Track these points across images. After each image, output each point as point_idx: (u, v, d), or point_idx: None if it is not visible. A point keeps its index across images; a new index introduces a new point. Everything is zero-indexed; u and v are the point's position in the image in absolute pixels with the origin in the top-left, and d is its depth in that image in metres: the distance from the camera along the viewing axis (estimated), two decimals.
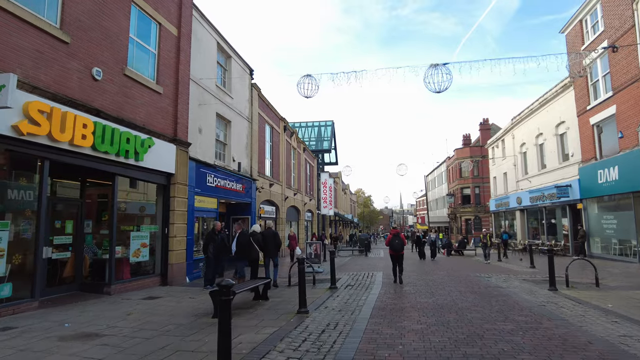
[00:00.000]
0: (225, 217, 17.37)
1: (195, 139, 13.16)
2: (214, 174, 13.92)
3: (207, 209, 13.54)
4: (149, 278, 10.62)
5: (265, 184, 20.14)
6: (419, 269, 15.19)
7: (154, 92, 10.79)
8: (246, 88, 18.04)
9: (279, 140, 23.74)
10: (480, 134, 48.72)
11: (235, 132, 16.49)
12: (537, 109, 23.64)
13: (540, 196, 23.16)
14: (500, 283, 10.71)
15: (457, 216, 48.79)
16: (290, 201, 25.88)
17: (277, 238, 11.42)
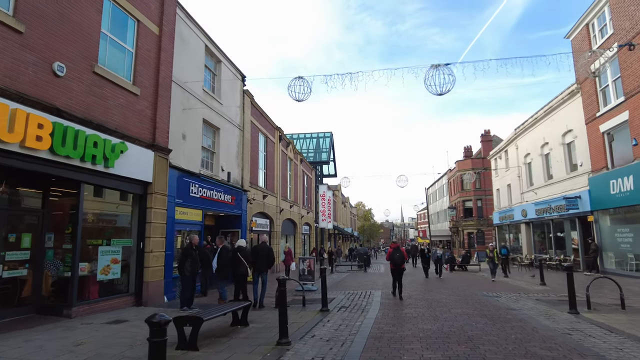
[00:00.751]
0: (214, 231, 16.31)
1: (178, 145, 12.22)
2: (199, 183, 12.93)
3: (191, 222, 12.51)
4: (121, 298, 9.53)
5: (258, 195, 19.13)
6: (422, 287, 14.05)
7: (130, 93, 9.88)
8: (237, 94, 17.19)
9: (273, 150, 22.82)
10: (481, 145, 47.86)
11: (224, 140, 15.56)
12: (542, 117, 22.76)
13: (547, 208, 22.09)
14: (511, 304, 9.59)
15: (459, 230, 47.57)
16: (285, 214, 24.83)
17: (271, 254, 10.58)
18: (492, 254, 17.05)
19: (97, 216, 9.31)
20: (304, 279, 13.49)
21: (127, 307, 9.57)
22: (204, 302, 10.92)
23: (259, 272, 9.99)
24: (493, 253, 17.09)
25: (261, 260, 10.01)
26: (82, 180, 8.44)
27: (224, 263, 9.26)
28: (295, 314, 8.36)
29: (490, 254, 17.16)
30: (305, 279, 13.48)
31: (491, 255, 17.09)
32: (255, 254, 10.22)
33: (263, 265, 10.04)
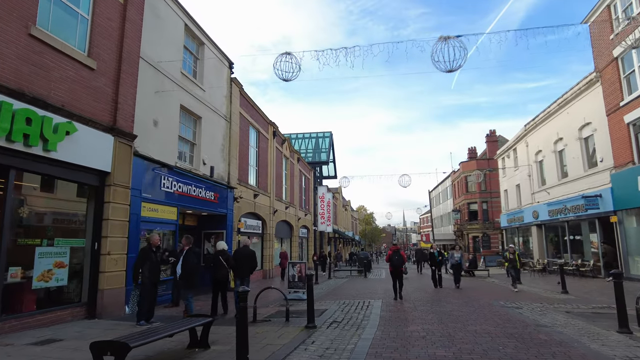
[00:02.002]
0: (196, 232, 14.72)
1: (148, 132, 10.67)
2: (173, 177, 11.35)
3: (163, 220, 10.91)
4: (67, 309, 7.92)
5: (247, 194, 17.53)
6: (429, 296, 12.36)
7: (83, 66, 8.33)
8: (223, 82, 15.65)
9: (266, 146, 21.25)
10: (486, 146, 46.20)
11: (207, 130, 14.00)
12: (556, 111, 21.13)
13: (562, 209, 20.39)
14: (538, 318, 7.92)
15: (464, 233, 45.81)
16: (280, 215, 23.21)
17: (254, 258, 9.63)
18: (514, 257, 14.05)
19: (37, 211, 7.72)
20: (294, 287, 11.85)
21: (76, 320, 7.96)
22: (173, 313, 9.31)
23: (240, 277, 9.28)
24: (514, 256, 14.08)
25: (243, 265, 9.29)
26: (13, 166, 6.86)
27: (191, 269, 7.64)
28: (273, 332, 6.74)
29: (511, 256, 14.16)
30: (295, 287, 11.84)
31: (511, 258, 14.10)
32: (236, 258, 9.45)
33: (245, 270, 9.33)
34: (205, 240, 14.71)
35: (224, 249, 9.34)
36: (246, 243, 11.00)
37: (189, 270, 7.56)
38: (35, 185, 7.66)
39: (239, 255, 9.58)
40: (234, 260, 9.37)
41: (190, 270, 7.56)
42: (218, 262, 9.13)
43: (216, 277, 8.97)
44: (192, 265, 7.58)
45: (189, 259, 7.63)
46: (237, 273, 9.34)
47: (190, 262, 7.60)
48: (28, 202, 7.47)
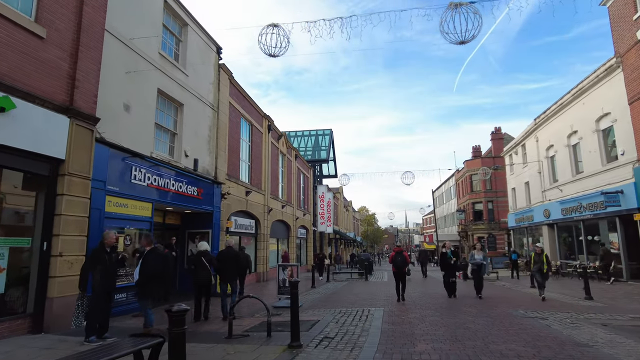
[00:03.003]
0: (180, 231, 13.43)
1: (118, 118, 9.38)
2: (147, 168, 10.04)
3: (133, 217, 9.59)
4: (5, 322, 6.59)
5: (239, 190, 16.22)
6: (438, 304, 10.98)
7: (29, 33, 7.03)
8: (210, 68, 14.35)
9: (260, 141, 19.94)
10: (492, 144, 44.78)
11: (190, 119, 12.70)
12: (569, 102, 19.73)
13: (577, 207, 19.00)
14: (572, 333, 6.55)
15: (469, 234, 44.39)
16: (276, 214, 21.89)
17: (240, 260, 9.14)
18: (540, 258, 11.36)
19: None
20: (285, 292, 10.52)
21: (17, 334, 6.64)
22: (139, 325, 7.98)
23: (226, 282, 8.74)
24: (542, 257, 11.33)
25: (228, 267, 8.72)
26: None
27: (150, 274, 6.31)
28: (248, 353, 5.41)
29: (537, 257, 11.47)
30: (286, 292, 10.51)
31: (537, 260, 11.41)
32: (220, 260, 8.84)
33: (230, 273, 8.80)
34: (189, 240, 13.39)
35: (206, 250, 8.75)
36: (230, 244, 9.85)
37: (147, 275, 6.23)
38: None
39: (222, 257, 8.91)
40: (219, 263, 8.76)
41: (150, 276, 6.23)
42: (200, 264, 8.47)
43: (197, 280, 8.44)
44: (152, 269, 6.24)
45: (149, 262, 6.30)
46: (222, 277, 8.76)
47: (151, 266, 6.26)
48: None
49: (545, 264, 11.29)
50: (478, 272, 11.94)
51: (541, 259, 11.40)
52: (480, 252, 12.31)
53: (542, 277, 11.33)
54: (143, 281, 6.24)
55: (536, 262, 11.43)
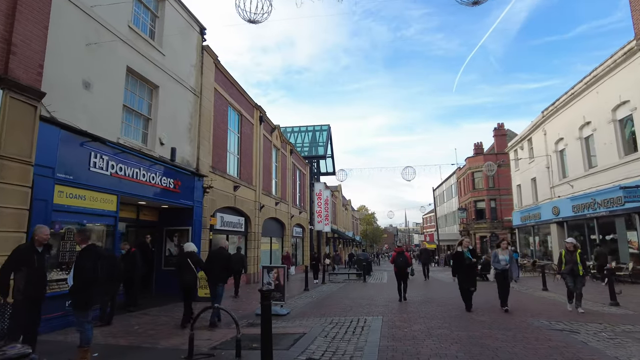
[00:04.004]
0: (157, 229, 12.13)
1: (76, 96, 8.08)
2: (111, 156, 8.72)
3: (93, 211, 8.25)
4: None
5: (225, 185, 14.90)
6: (445, 311, 9.65)
7: None
8: (192, 49, 13.03)
9: (251, 132, 18.63)
10: (494, 140, 43.59)
11: (167, 104, 11.39)
12: (582, 91, 18.43)
13: (590, 203, 17.71)
14: (620, 354, 5.25)
15: (471, 233, 43.10)
16: (269, 212, 20.58)
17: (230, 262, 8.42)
18: (573, 257, 8.95)
19: None
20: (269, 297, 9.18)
21: None
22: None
23: (214, 284, 8.06)
24: (574, 256, 8.94)
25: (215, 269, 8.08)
26: None
27: (87, 280, 4.97)
28: None
29: (569, 256, 9.03)
30: (271, 298, 9.17)
31: (569, 260, 8.99)
32: (210, 262, 8.26)
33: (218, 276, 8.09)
34: (167, 238, 12.09)
35: (192, 251, 8.18)
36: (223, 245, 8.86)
37: (83, 280, 4.90)
38: None
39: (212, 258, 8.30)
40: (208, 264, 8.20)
41: (86, 281, 4.90)
42: (185, 266, 7.90)
43: (182, 283, 7.93)
44: (87, 273, 4.91)
45: (84, 264, 4.96)
46: (210, 279, 8.17)
47: (86, 269, 4.93)
48: None
49: (579, 264, 8.84)
50: (504, 278, 9.26)
51: (574, 258, 8.91)
52: (505, 251, 9.47)
53: (574, 282, 8.87)
54: (78, 288, 4.91)
55: (567, 262, 9.01)
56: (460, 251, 9.58)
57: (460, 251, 9.61)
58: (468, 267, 9.42)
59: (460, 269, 9.53)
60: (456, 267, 9.69)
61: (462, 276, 9.49)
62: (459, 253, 9.61)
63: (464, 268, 9.44)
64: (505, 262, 9.24)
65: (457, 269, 9.63)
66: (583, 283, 8.92)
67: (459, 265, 9.55)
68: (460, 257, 9.52)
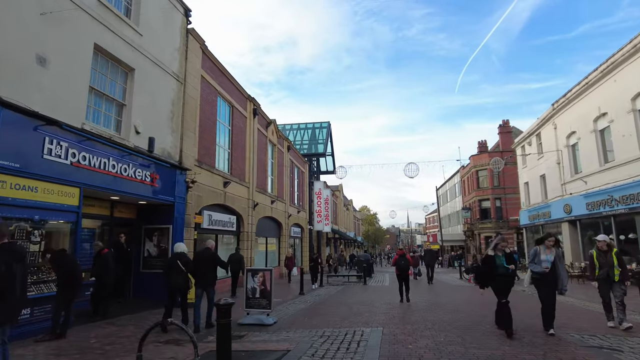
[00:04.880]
0: (135, 227, 11.04)
1: (28, 73, 6.99)
2: (71, 143, 7.61)
3: (47, 206, 7.11)
4: None
5: (213, 180, 13.80)
6: (457, 321, 8.51)
7: None
8: (176, 32, 11.94)
9: (244, 126, 17.52)
10: (499, 138, 42.29)
11: (145, 88, 10.28)
12: (597, 81, 17.24)
13: (607, 200, 16.52)
14: None
15: (475, 233, 41.91)
16: (263, 210, 19.47)
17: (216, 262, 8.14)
18: (609, 260, 7.19)
19: None
20: (254, 305, 8.08)
21: None
22: (39, 352, 5.57)
23: (202, 287, 7.83)
24: (609, 258, 7.19)
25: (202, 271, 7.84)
26: None
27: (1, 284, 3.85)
28: None
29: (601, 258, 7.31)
30: (255, 305, 8.07)
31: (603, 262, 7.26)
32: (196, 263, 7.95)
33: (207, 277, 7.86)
34: (146, 237, 10.98)
35: (182, 252, 7.86)
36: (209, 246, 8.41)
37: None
38: None
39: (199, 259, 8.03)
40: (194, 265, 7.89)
41: None
42: (175, 268, 7.56)
43: (172, 285, 7.60)
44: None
45: None
46: (197, 280, 7.87)
47: None
48: None
49: (616, 267, 7.01)
50: (546, 286, 6.75)
51: (609, 259, 7.09)
52: (550, 250, 6.86)
53: (611, 291, 7.11)
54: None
55: (601, 266, 7.17)
56: (492, 255, 6.85)
57: (491, 255, 6.87)
58: (502, 278, 6.72)
59: (491, 279, 6.80)
60: (486, 277, 6.94)
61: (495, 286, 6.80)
62: (489, 258, 6.87)
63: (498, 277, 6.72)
64: (547, 265, 6.75)
65: (487, 279, 6.89)
66: (623, 291, 7.04)
67: (490, 274, 6.80)
68: (490, 264, 6.79)
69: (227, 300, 3.77)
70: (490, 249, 7.04)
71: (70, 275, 6.47)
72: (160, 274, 10.21)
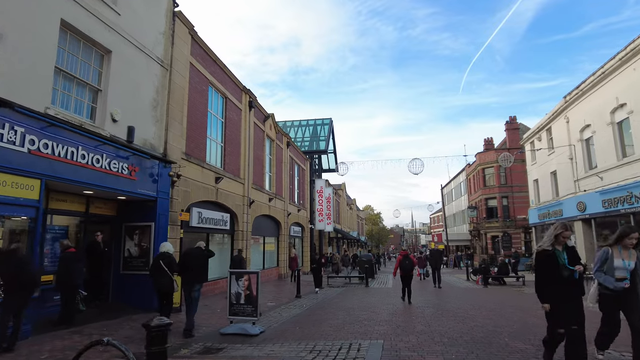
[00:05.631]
0: (115, 224, 10.15)
1: None
2: (30, 128, 6.71)
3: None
4: None
5: (204, 175, 12.89)
6: (470, 331, 7.54)
7: None
8: (161, 14, 11.02)
9: (239, 119, 16.60)
10: (506, 134, 41.14)
11: (124, 73, 9.37)
12: (614, 70, 16.16)
13: (625, 197, 15.44)
14: None
15: (481, 233, 40.80)
16: (260, 208, 18.55)
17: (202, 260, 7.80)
18: None
19: None
20: (238, 312, 7.15)
21: None
22: None
23: (190, 288, 7.40)
24: None
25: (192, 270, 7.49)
26: None
27: None
28: None
29: None
30: (239, 312, 7.14)
31: None
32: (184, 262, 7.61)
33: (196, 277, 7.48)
34: (126, 236, 10.07)
35: (166, 252, 7.47)
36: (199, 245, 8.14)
37: None
38: None
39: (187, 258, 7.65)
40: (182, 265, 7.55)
41: None
42: (159, 269, 7.20)
43: (157, 288, 7.30)
44: None
45: None
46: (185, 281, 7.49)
47: None
48: None
49: None
50: (628, 309, 4.65)
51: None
52: (630, 253, 4.71)
53: None
54: None
55: None
56: (551, 250, 4.47)
57: (549, 250, 4.48)
58: (565, 288, 4.34)
59: (554, 284, 4.38)
60: (546, 281, 4.47)
61: (557, 299, 4.36)
62: (547, 254, 4.49)
63: (561, 283, 4.35)
64: (625, 275, 4.57)
65: (549, 284, 4.43)
66: None
67: (551, 276, 4.40)
68: (551, 263, 4.42)
69: (162, 320, 2.84)
70: (546, 241, 4.55)
71: (15, 279, 5.56)
72: (142, 275, 9.37)
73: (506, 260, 20.53)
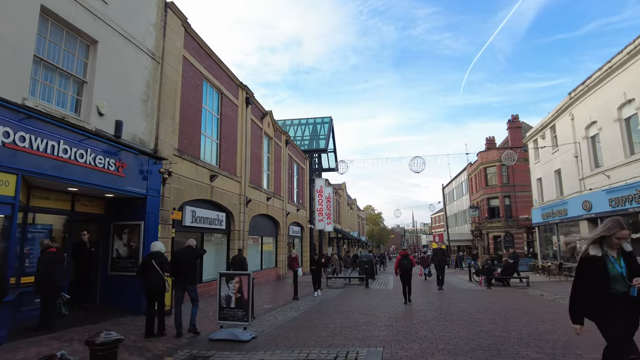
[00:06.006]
0: (104, 222, 9.71)
1: None
2: (6, 120, 6.28)
3: None
4: None
5: (197, 173, 12.45)
6: (476, 337, 7.08)
7: None
8: (151, 5, 10.57)
9: (235, 116, 16.16)
10: (508, 133, 40.68)
11: (112, 65, 8.93)
12: (622, 64, 15.68)
13: (634, 195, 14.97)
14: None
15: (483, 233, 40.31)
16: (258, 207, 18.11)
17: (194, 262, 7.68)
18: None
19: None
20: (228, 316, 6.71)
21: None
22: None
23: (182, 288, 7.27)
24: None
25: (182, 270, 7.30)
26: None
27: None
28: None
29: None
30: (229, 316, 6.69)
31: None
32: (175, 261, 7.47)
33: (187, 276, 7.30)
34: (115, 235, 9.64)
35: (158, 252, 7.21)
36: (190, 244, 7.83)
37: None
38: None
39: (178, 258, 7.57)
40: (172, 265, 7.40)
41: None
42: (150, 269, 6.95)
43: (148, 288, 6.99)
44: None
45: None
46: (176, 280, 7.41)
47: None
48: None
49: None
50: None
51: None
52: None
53: None
54: None
55: None
56: (598, 257, 3.35)
57: (595, 257, 3.37)
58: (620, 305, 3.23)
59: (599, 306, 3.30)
60: (587, 298, 3.38)
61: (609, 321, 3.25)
62: (591, 260, 3.39)
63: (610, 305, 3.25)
64: None
65: (591, 302, 3.36)
66: None
67: (596, 291, 3.33)
68: (599, 273, 3.32)
69: (110, 336, 2.40)
70: (590, 243, 3.47)
71: None
72: (131, 276, 8.93)
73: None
